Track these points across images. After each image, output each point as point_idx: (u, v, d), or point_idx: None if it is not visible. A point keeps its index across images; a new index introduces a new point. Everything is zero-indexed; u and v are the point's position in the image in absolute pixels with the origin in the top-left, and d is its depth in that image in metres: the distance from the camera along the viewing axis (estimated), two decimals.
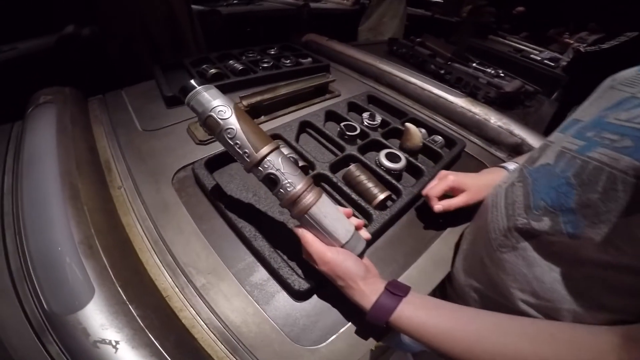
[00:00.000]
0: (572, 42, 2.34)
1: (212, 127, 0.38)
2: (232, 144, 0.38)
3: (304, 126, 0.75)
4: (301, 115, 0.76)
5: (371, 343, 0.44)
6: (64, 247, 0.40)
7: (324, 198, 0.40)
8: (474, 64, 1.36)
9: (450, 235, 0.58)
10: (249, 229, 0.48)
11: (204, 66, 0.94)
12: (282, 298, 0.45)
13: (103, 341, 0.32)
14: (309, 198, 0.38)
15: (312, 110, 0.80)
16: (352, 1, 2.60)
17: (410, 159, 0.65)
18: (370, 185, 0.57)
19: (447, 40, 2.02)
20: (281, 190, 0.38)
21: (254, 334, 0.41)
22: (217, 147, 0.65)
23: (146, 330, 0.35)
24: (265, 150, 0.38)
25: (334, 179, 0.59)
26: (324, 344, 0.42)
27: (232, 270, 0.46)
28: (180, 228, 0.50)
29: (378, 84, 1.08)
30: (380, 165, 0.62)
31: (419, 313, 0.37)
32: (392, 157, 0.63)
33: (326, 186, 0.61)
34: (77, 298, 0.35)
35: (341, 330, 0.43)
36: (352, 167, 0.60)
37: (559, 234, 0.33)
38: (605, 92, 0.37)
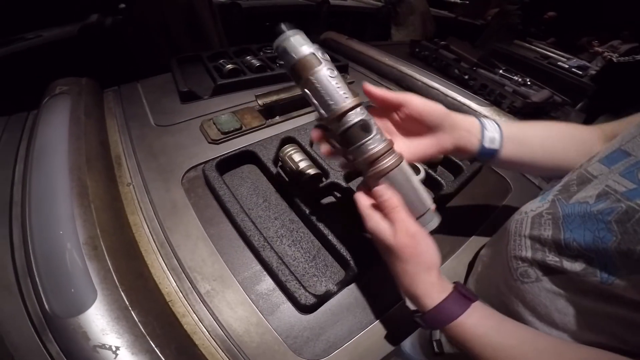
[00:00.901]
0: (602, 50, 2.25)
1: (301, 74, 0.37)
2: (321, 90, 0.36)
3: (320, 128, 0.73)
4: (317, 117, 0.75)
5: (375, 358, 0.42)
6: (68, 247, 0.40)
7: (406, 163, 0.38)
8: (501, 71, 1.32)
9: (464, 254, 0.56)
10: (257, 237, 0.47)
11: (221, 61, 0.94)
12: (287, 309, 0.44)
13: (103, 346, 0.32)
14: (392, 159, 0.36)
15: None
16: None
17: (429, 171, 0.63)
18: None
19: (472, 43, 1.97)
20: (364, 146, 0.36)
21: (256, 344, 0.41)
22: (229, 148, 0.65)
23: (147, 337, 0.34)
24: (356, 100, 0.36)
25: (349, 190, 0.57)
26: (327, 357, 0.41)
27: (237, 278, 0.46)
28: (187, 231, 0.50)
29: (398, 87, 1.05)
30: None
31: (485, 323, 0.34)
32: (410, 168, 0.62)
33: (339, 196, 0.60)
34: (79, 301, 0.35)
35: (345, 344, 0.42)
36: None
37: (591, 277, 0.31)
38: None
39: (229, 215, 0.52)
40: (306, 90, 0.37)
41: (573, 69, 1.98)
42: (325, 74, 0.36)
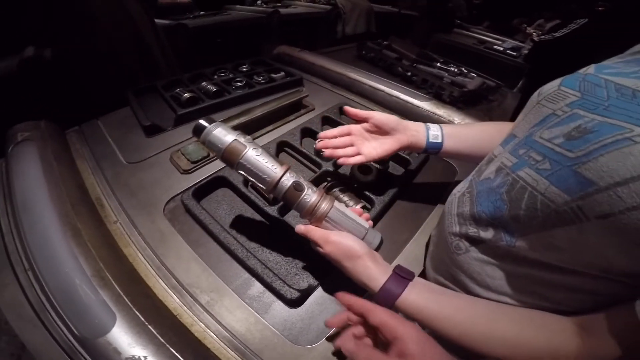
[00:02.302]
0: (530, 30, 2.51)
1: (231, 160, 0.47)
2: (253, 169, 0.47)
3: (282, 146, 0.84)
4: (278, 136, 0.86)
5: None
6: (79, 282, 0.47)
7: (337, 203, 0.50)
8: (438, 64, 1.49)
9: (420, 237, 0.68)
10: (241, 250, 0.57)
11: (177, 90, 1.01)
12: (278, 306, 0.54)
13: (133, 357, 0.41)
14: (326, 205, 0.48)
15: (289, 129, 0.89)
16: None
17: (381, 168, 0.76)
18: (346, 198, 0.68)
19: (413, 38, 2.16)
20: (301, 202, 0.47)
21: (258, 339, 0.50)
22: (201, 175, 0.73)
23: (167, 345, 0.43)
24: (284, 167, 0.48)
25: None
26: (320, 342, 0.51)
27: (231, 287, 0.55)
28: (178, 254, 0.59)
29: (350, 93, 1.18)
30: (353, 178, 0.73)
31: (423, 297, 0.43)
32: (363, 170, 0.74)
33: None
34: (102, 323, 0.43)
35: (333, 329, 0.52)
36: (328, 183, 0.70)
37: (499, 242, 0.40)
38: (534, 108, 0.42)
39: (212, 235, 0.61)
40: (240, 171, 0.48)
41: (508, 51, 2.22)
42: (252, 154, 0.47)
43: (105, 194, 0.69)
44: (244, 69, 1.20)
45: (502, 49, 2.22)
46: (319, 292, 0.57)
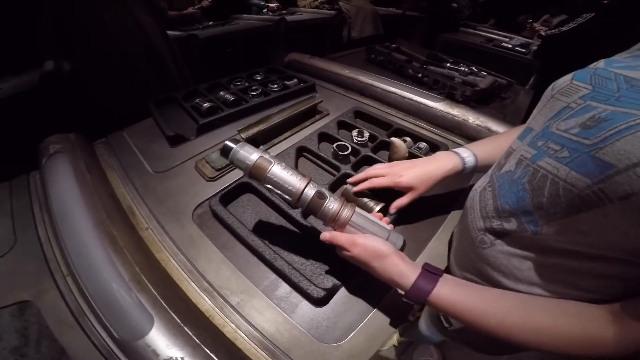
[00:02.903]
0: (538, 26, 2.48)
1: (259, 175, 0.50)
2: (279, 182, 0.50)
3: (301, 151, 0.85)
4: (297, 141, 0.87)
5: (386, 335, 0.53)
6: (117, 286, 0.49)
7: (358, 208, 0.52)
8: (448, 64, 1.49)
9: (442, 234, 0.68)
10: (268, 252, 0.58)
11: (197, 100, 1.03)
12: (305, 306, 0.55)
13: (171, 358, 0.42)
14: (348, 211, 0.50)
15: (306, 134, 0.91)
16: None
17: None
18: (365, 200, 0.68)
19: (418, 40, 2.16)
20: (325, 209, 0.50)
21: (287, 339, 0.51)
22: (225, 182, 0.75)
23: (202, 346, 0.44)
24: (306, 179, 0.51)
25: None
26: (346, 340, 0.51)
27: (259, 288, 0.56)
28: (208, 258, 0.60)
29: (362, 97, 1.19)
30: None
31: (455, 291, 0.43)
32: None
33: None
34: (140, 326, 0.45)
35: (358, 327, 0.53)
36: (348, 185, 0.71)
37: (524, 232, 0.41)
38: (549, 102, 0.43)
39: (240, 239, 0.62)
40: (268, 185, 0.51)
41: (517, 48, 2.20)
42: (277, 168, 0.51)
43: (135, 202, 0.71)
44: (259, 78, 1.22)
45: (510, 46, 2.20)
46: (343, 291, 0.58)
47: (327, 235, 0.51)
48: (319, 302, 0.55)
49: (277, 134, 0.91)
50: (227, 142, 0.52)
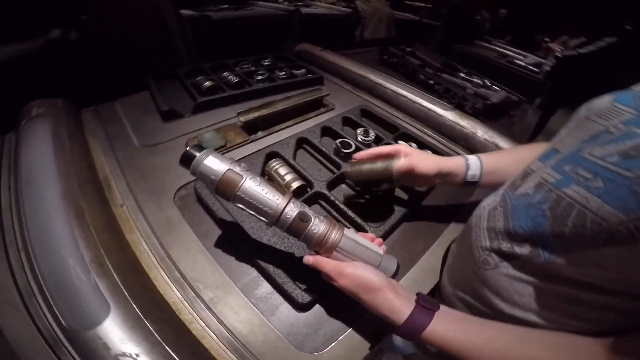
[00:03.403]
0: (553, 46, 2.44)
1: (227, 192, 0.41)
2: (253, 201, 0.41)
3: (301, 142, 0.79)
4: (298, 132, 0.81)
5: (368, 347, 0.48)
6: (75, 267, 0.43)
7: (347, 230, 0.45)
8: (462, 74, 1.44)
9: (438, 249, 0.63)
10: (252, 247, 0.52)
11: (199, 78, 0.98)
12: (286, 309, 0.50)
13: (124, 354, 0.36)
14: (336, 234, 0.43)
15: (308, 126, 0.85)
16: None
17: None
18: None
19: (435, 46, 2.11)
20: (309, 233, 0.43)
21: (261, 342, 0.46)
22: None
23: (163, 343, 0.38)
24: (287, 197, 0.43)
25: (332, 197, 0.63)
26: (325, 350, 0.46)
27: (237, 285, 0.51)
28: (185, 245, 0.54)
29: (371, 96, 1.13)
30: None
31: (451, 328, 0.40)
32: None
33: (324, 204, 0.66)
34: (92, 315, 0.39)
35: (340, 337, 0.48)
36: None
37: (537, 258, 0.37)
38: (582, 123, 0.40)
39: (223, 228, 0.57)
40: (239, 205, 0.42)
41: (529, 67, 2.16)
42: (250, 184, 0.41)
43: (114, 175, 0.65)
44: (266, 63, 1.16)
45: (523, 63, 2.16)
46: (329, 298, 0.52)
47: (310, 259, 0.46)
48: (302, 307, 0.49)
49: (278, 122, 0.85)
50: (189, 149, 0.43)
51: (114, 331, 0.37)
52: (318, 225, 0.43)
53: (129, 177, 0.65)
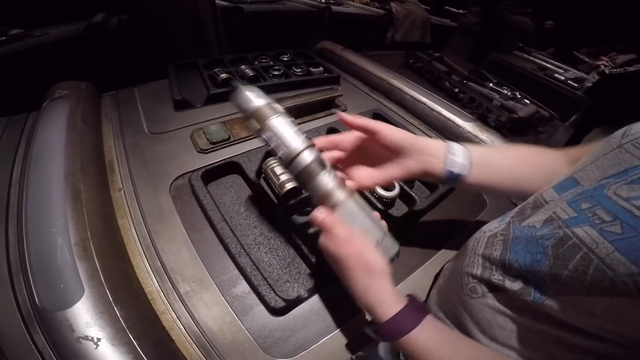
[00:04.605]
0: (600, 62, 2.26)
1: (259, 119, 0.42)
2: (287, 129, 0.42)
3: None
4: (303, 131, 0.79)
5: None
6: (60, 247, 0.44)
7: (357, 197, 0.43)
8: (491, 84, 1.36)
9: (430, 267, 0.60)
10: (235, 244, 0.52)
11: (216, 69, 0.99)
12: (260, 311, 0.49)
13: (85, 337, 0.37)
14: (344, 193, 0.41)
15: (316, 126, 0.83)
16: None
17: (405, 187, 0.67)
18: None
19: (467, 56, 2.01)
20: (317, 183, 0.41)
21: (228, 341, 0.45)
22: (216, 158, 0.69)
23: (127, 331, 0.39)
24: (309, 142, 0.42)
25: None
26: (294, 357, 0.45)
27: (215, 281, 0.50)
28: (172, 236, 0.55)
29: (387, 100, 1.10)
30: (372, 192, 0.65)
31: (434, 339, 0.36)
32: (385, 185, 0.64)
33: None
34: (67, 297, 0.40)
35: (312, 347, 0.47)
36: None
37: (525, 296, 0.34)
38: (613, 151, 0.33)
39: (211, 222, 0.57)
40: (264, 135, 0.43)
41: (569, 81, 2.01)
42: (280, 121, 0.42)
43: (118, 159, 0.67)
44: (285, 59, 1.16)
45: (563, 78, 2.02)
46: (308, 304, 0.51)
47: (320, 216, 0.40)
48: (277, 311, 0.48)
49: None
50: (238, 84, 0.45)
51: (81, 314, 0.38)
52: (329, 179, 0.41)
53: (132, 162, 0.66)
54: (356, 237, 0.39)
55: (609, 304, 0.27)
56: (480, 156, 0.48)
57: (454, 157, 0.46)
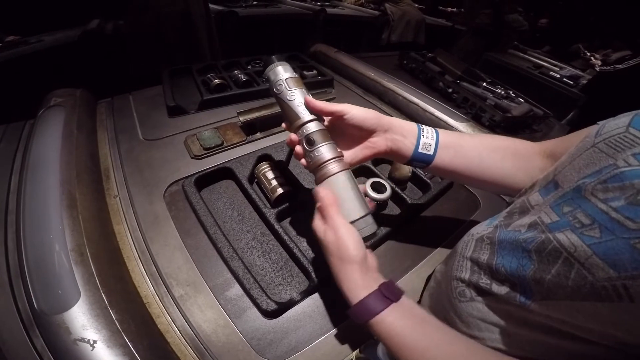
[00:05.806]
0: (595, 59, 2.28)
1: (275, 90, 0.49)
2: (291, 104, 0.47)
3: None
4: None
5: None
6: (57, 253, 0.46)
7: (349, 173, 0.46)
8: (484, 83, 1.38)
9: (423, 269, 0.61)
10: (227, 249, 0.54)
11: (210, 75, 1.01)
12: (253, 314, 0.50)
13: (82, 340, 0.38)
14: (338, 165, 0.44)
15: None
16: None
17: (397, 189, 0.68)
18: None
19: (458, 54, 2.03)
20: (319, 150, 0.45)
21: (222, 343, 0.47)
22: (210, 163, 0.71)
23: (122, 333, 0.40)
24: (315, 115, 0.47)
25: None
26: (288, 359, 0.46)
27: (209, 284, 0.52)
28: (166, 241, 0.56)
29: (380, 102, 1.12)
30: (365, 194, 0.66)
31: (402, 323, 0.37)
32: (377, 187, 0.66)
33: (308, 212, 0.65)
34: (64, 300, 0.41)
35: (304, 349, 0.48)
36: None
37: (512, 300, 0.34)
38: (587, 151, 0.33)
39: (204, 227, 0.58)
40: (288, 95, 0.48)
41: (564, 79, 2.03)
42: (303, 92, 0.48)
43: (114, 166, 0.69)
44: None
45: (558, 76, 2.04)
46: (300, 307, 0.53)
47: (323, 192, 0.43)
48: (270, 313, 0.50)
49: (277, 124, 0.85)
50: (274, 57, 0.51)
51: (78, 317, 0.40)
52: (328, 149, 0.45)
53: (127, 169, 0.68)
54: (343, 227, 0.41)
55: (592, 309, 0.27)
56: (451, 140, 0.49)
57: (423, 138, 0.48)
